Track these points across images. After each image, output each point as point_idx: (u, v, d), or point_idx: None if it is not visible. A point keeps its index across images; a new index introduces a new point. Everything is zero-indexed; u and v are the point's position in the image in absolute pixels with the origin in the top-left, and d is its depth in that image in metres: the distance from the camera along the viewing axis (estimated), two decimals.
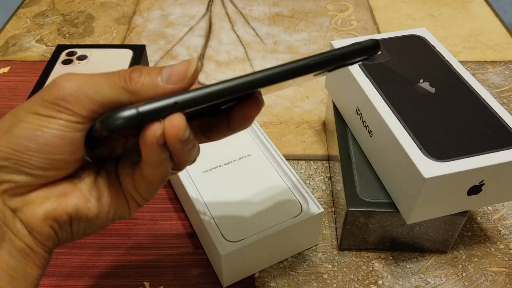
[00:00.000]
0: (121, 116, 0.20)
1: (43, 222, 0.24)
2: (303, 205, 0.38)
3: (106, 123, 0.21)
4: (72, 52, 0.53)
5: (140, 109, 0.20)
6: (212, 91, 0.21)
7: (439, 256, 0.39)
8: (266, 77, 0.21)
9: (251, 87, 0.21)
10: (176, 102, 0.21)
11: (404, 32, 0.45)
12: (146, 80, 0.22)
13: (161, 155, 0.23)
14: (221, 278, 0.37)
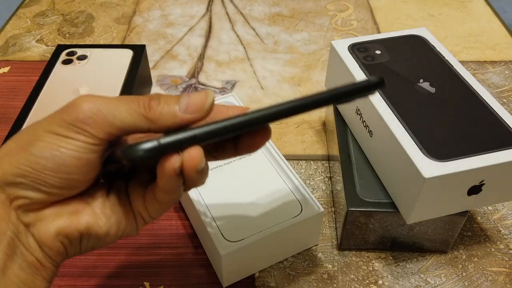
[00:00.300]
0: (143, 148, 0.21)
1: (55, 238, 0.24)
2: (303, 205, 0.38)
3: (128, 154, 0.21)
4: (72, 52, 0.53)
5: (162, 142, 0.21)
6: (229, 125, 0.22)
7: (439, 256, 0.39)
8: (280, 112, 0.23)
9: (265, 121, 0.23)
10: (195, 136, 0.22)
11: (404, 32, 0.45)
12: (164, 109, 0.23)
13: (177, 182, 0.24)
14: (221, 278, 0.37)
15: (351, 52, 0.42)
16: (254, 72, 0.59)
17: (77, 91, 0.47)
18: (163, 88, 0.57)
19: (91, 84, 0.48)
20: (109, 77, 0.49)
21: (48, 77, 0.49)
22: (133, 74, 0.50)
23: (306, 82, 0.58)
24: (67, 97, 0.47)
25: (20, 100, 0.55)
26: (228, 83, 0.57)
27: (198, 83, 0.57)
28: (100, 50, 0.53)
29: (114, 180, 0.27)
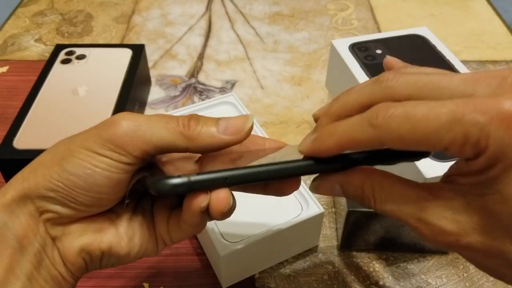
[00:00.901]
0: (172, 183, 0.21)
1: (78, 254, 0.25)
2: (304, 206, 0.37)
3: (157, 186, 0.21)
4: (71, 51, 0.52)
5: (192, 179, 0.21)
6: (261, 171, 0.22)
7: (440, 257, 0.39)
8: (315, 168, 0.23)
9: (297, 175, 0.23)
10: (226, 178, 0.22)
11: (405, 31, 0.44)
12: (203, 129, 0.23)
13: (201, 219, 0.24)
14: (221, 279, 0.37)
15: (352, 51, 0.42)
16: (254, 71, 0.59)
17: (76, 90, 0.47)
18: (162, 88, 0.56)
19: (90, 83, 0.48)
20: (108, 76, 0.49)
21: (46, 77, 0.49)
22: (132, 74, 0.49)
23: (307, 81, 0.57)
24: (66, 97, 0.46)
25: (18, 99, 0.55)
26: (227, 82, 0.57)
27: (198, 83, 0.57)
28: (99, 50, 0.52)
29: (139, 198, 0.27)
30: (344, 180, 0.23)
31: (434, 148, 0.19)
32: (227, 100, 0.47)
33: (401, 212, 0.22)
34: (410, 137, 0.19)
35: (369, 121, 0.20)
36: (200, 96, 0.55)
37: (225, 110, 0.47)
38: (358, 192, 0.23)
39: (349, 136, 0.21)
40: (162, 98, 0.55)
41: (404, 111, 0.19)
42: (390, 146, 0.20)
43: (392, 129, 0.19)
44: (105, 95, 0.47)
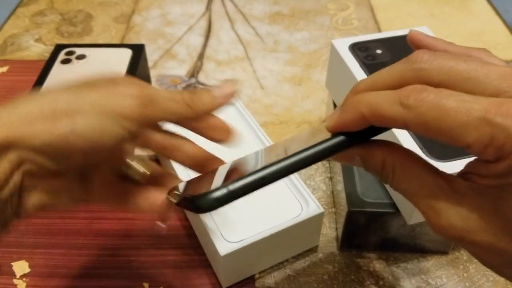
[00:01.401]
0: (214, 197, 0.21)
1: (36, 209, 0.25)
2: (304, 206, 0.37)
3: (199, 205, 0.22)
4: (71, 51, 0.52)
5: (231, 188, 0.22)
6: (294, 161, 0.22)
7: (440, 257, 0.39)
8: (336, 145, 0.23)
9: (328, 154, 0.23)
10: (263, 178, 0.22)
11: (405, 31, 0.44)
12: (204, 94, 0.27)
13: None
14: (221, 279, 0.37)
15: (352, 51, 0.42)
16: (254, 71, 0.59)
17: None
18: (162, 88, 0.56)
19: None
20: None
21: (46, 77, 0.49)
22: (131, 74, 0.49)
23: (307, 81, 0.57)
24: None
25: None
26: (228, 81, 0.57)
27: (198, 83, 0.57)
28: (99, 50, 0.52)
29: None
30: (366, 153, 0.23)
31: (457, 142, 0.19)
32: None
33: (414, 195, 0.22)
34: (435, 125, 0.19)
35: (400, 100, 0.20)
36: None
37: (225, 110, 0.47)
38: (378, 167, 0.23)
39: (376, 108, 0.21)
40: None
41: (436, 98, 0.19)
42: (412, 130, 0.20)
43: (420, 113, 0.19)
44: None
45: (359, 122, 0.22)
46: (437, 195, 0.21)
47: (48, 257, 0.39)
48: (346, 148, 0.23)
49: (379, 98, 0.21)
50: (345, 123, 0.22)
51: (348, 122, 0.22)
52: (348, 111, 0.22)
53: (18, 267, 0.38)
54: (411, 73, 0.21)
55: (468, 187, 0.20)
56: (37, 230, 0.41)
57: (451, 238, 0.21)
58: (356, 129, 0.22)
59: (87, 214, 0.42)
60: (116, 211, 0.43)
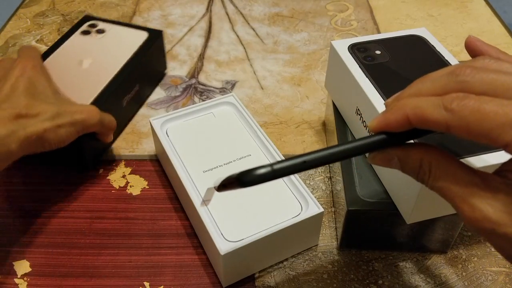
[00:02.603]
0: (258, 173, 0.23)
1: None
2: (303, 205, 0.38)
3: (245, 179, 0.24)
4: (93, 24, 0.54)
5: (275, 167, 0.23)
6: (335, 151, 0.24)
7: (439, 256, 0.39)
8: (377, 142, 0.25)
9: (369, 149, 0.25)
10: (305, 162, 0.23)
11: (404, 32, 0.45)
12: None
13: None
14: (221, 278, 0.37)
15: (351, 52, 0.42)
16: (254, 72, 0.59)
17: (81, 62, 0.49)
18: (163, 88, 0.57)
19: (97, 58, 0.50)
20: (115, 54, 0.50)
21: (61, 44, 0.51)
22: (140, 56, 0.50)
23: (306, 82, 0.58)
24: (70, 66, 0.49)
25: None
26: (228, 83, 0.57)
27: (198, 83, 0.58)
28: (118, 28, 0.54)
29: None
30: (404, 154, 0.25)
31: (496, 142, 0.21)
32: (227, 101, 0.47)
33: (450, 191, 0.23)
34: (476, 128, 0.21)
35: (443, 104, 0.22)
36: (201, 97, 0.55)
37: (225, 111, 0.47)
38: (416, 166, 0.24)
39: (421, 111, 0.22)
40: (162, 98, 0.55)
41: (477, 103, 0.21)
42: (454, 132, 0.22)
43: (462, 117, 0.21)
44: (104, 71, 0.48)
45: (402, 123, 0.23)
46: (472, 191, 0.22)
47: (49, 256, 0.39)
48: (387, 146, 0.25)
49: (424, 102, 0.22)
50: (389, 123, 0.24)
51: (392, 123, 0.24)
52: (393, 113, 0.24)
53: (19, 267, 0.39)
54: (455, 85, 0.23)
55: (503, 183, 0.22)
56: (38, 229, 0.41)
57: (483, 230, 0.22)
58: (398, 130, 0.24)
59: (88, 214, 0.43)
60: (116, 211, 0.43)
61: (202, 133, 0.44)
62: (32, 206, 0.43)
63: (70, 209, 0.43)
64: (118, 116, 0.45)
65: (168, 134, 0.44)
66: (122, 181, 0.46)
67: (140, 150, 0.49)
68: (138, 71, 0.50)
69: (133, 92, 0.50)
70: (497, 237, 0.22)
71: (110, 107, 0.44)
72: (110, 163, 0.47)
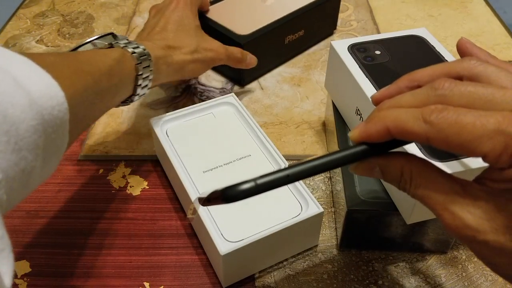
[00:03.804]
0: (241, 189, 0.24)
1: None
2: (303, 205, 0.38)
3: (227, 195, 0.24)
4: None
5: (258, 182, 0.24)
6: (319, 164, 0.24)
7: (439, 256, 0.39)
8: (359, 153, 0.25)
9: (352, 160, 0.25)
10: (288, 175, 0.24)
11: (404, 32, 0.45)
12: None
13: None
14: (221, 278, 0.37)
15: (351, 52, 0.42)
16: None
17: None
18: (163, 89, 0.57)
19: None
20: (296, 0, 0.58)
21: None
22: (314, 7, 0.57)
23: (306, 82, 0.58)
24: (255, 1, 0.58)
25: None
26: (228, 83, 0.57)
27: (198, 84, 0.58)
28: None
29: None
30: (385, 164, 0.25)
31: (474, 153, 0.21)
32: (227, 101, 0.47)
33: (431, 199, 0.23)
34: (454, 139, 0.21)
35: (423, 116, 0.22)
36: (201, 97, 0.55)
37: (225, 111, 0.47)
38: (397, 175, 0.25)
39: (401, 123, 0.23)
40: (162, 98, 0.55)
41: (455, 115, 0.21)
42: (434, 144, 0.22)
43: (440, 129, 0.21)
44: (281, 10, 0.56)
45: (383, 134, 0.24)
46: (452, 198, 0.22)
47: (49, 256, 0.39)
48: (368, 156, 0.25)
49: (404, 114, 0.23)
50: (370, 134, 0.24)
51: (372, 134, 0.24)
52: (374, 124, 0.24)
53: (19, 267, 0.39)
54: (434, 98, 0.23)
55: (482, 191, 0.22)
56: (38, 229, 0.41)
57: (464, 237, 0.22)
58: (379, 141, 0.24)
59: (88, 214, 0.43)
60: (116, 211, 0.43)
61: (202, 133, 0.44)
62: (32, 206, 0.43)
63: (70, 209, 0.43)
64: (278, 49, 0.56)
65: (168, 135, 0.44)
66: (122, 181, 0.46)
67: (140, 150, 0.49)
68: (308, 20, 0.57)
69: (297, 35, 0.57)
70: (478, 244, 0.22)
71: (271, 39, 0.54)
72: (110, 163, 0.47)
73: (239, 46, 0.51)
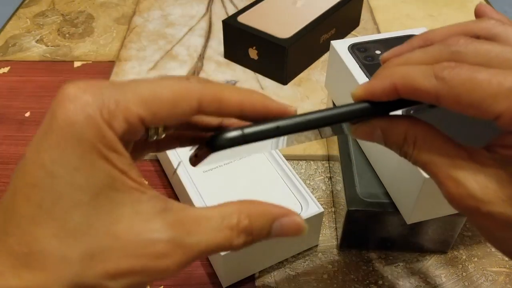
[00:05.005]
0: (228, 137, 0.21)
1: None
2: (303, 205, 0.38)
3: (214, 143, 0.21)
4: None
5: (245, 131, 0.21)
6: (312, 118, 0.22)
7: (439, 256, 0.39)
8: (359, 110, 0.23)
9: (349, 118, 0.23)
10: (278, 127, 0.22)
11: (404, 32, 0.44)
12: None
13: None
14: (221, 278, 0.37)
15: (351, 52, 0.42)
16: (254, 72, 0.59)
17: (295, 1, 0.60)
18: None
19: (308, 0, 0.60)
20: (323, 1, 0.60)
21: None
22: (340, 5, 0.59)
23: (306, 82, 0.58)
24: (286, 4, 0.60)
25: (19, 100, 0.55)
26: (228, 83, 0.57)
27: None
28: None
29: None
30: (388, 126, 0.23)
31: (486, 113, 0.19)
32: None
33: (434, 165, 0.22)
34: (467, 97, 0.19)
35: (434, 72, 0.20)
36: None
37: None
38: (400, 139, 0.23)
39: (410, 80, 0.21)
40: None
41: (469, 71, 0.19)
42: (444, 103, 0.20)
43: (453, 86, 0.20)
44: (312, 11, 0.59)
45: (389, 92, 0.22)
46: (458, 165, 0.21)
47: None
48: (369, 115, 0.23)
49: (414, 70, 0.21)
50: (374, 91, 0.22)
51: (377, 91, 0.22)
52: (380, 80, 0.22)
53: None
54: (447, 55, 0.21)
55: (491, 158, 0.21)
56: None
57: (466, 208, 0.21)
58: (384, 99, 0.22)
59: None
60: None
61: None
62: None
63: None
64: (315, 48, 0.59)
65: None
66: None
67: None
68: (338, 18, 0.60)
69: (329, 34, 0.60)
70: (481, 216, 0.20)
71: (309, 40, 0.56)
72: None
73: (283, 49, 0.53)
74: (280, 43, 0.54)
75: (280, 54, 0.54)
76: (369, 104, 0.23)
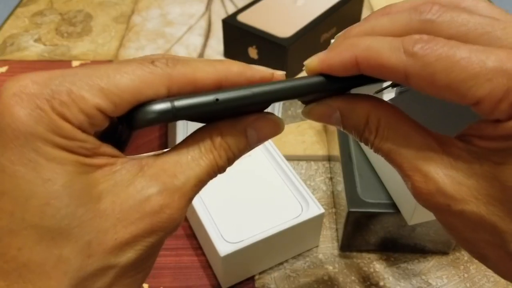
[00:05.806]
0: (154, 110, 0.17)
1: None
2: (304, 206, 0.37)
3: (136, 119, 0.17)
4: None
5: (176, 104, 0.17)
6: (257, 91, 0.18)
7: (441, 258, 0.39)
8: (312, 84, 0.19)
9: (298, 93, 0.19)
10: (217, 99, 0.18)
11: None
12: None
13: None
14: (221, 280, 0.37)
15: None
16: None
17: (296, 1, 0.60)
18: None
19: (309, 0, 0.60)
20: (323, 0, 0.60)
21: None
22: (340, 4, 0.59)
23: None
24: (287, 3, 0.60)
25: None
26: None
27: None
28: None
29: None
30: (348, 107, 0.20)
31: (464, 97, 0.16)
32: None
33: (399, 155, 0.19)
34: (442, 78, 0.16)
35: (404, 46, 0.17)
36: None
37: None
38: (361, 123, 0.20)
39: (374, 54, 0.17)
40: None
41: (446, 47, 0.16)
42: (413, 83, 0.17)
43: (426, 63, 0.16)
44: (312, 10, 0.58)
45: (348, 66, 0.18)
46: (426, 156, 0.18)
47: None
48: (324, 92, 0.20)
49: (379, 42, 0.18)
50: (332, 64, 0.19)
51: (335, 64, 0.18)
52: (340, 52, 0.18)
53: None
54: (418, 24, 0.18)
55: (465, 150, 0.18)
56: None
57: (435, 206, 0.18)
58: (342, 74, 0.19)
59: None
60: None
61: None
62: None
63: None
64: (315, 48, 0.57)
65: None
66: None
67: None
68: (337, 17, 0.59)
69: (330, 33, 0.60)
70: (451, 214, 0.18)
71: (309, 39, 0.56)
72: None
73: (283, 49, 0.53)
74: (280, 42, 0.53)
75: (280, 53, 0.54)
76: (325, 79, 0.19)
